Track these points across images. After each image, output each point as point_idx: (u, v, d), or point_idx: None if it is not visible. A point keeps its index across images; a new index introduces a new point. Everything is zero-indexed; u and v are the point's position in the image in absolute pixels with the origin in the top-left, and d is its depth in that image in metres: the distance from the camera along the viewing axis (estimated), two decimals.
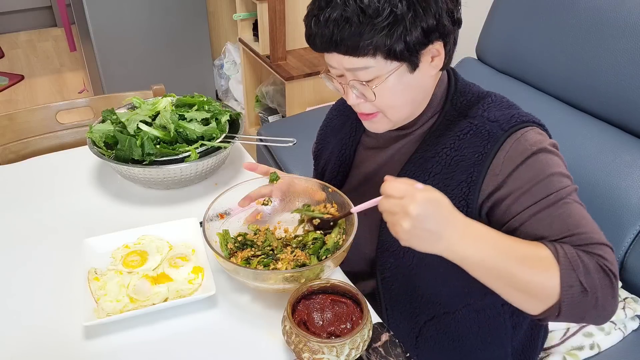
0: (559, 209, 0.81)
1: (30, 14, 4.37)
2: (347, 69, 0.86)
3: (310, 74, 2.38)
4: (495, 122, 0.89)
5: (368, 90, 0.87)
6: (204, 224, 0.94)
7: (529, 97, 1.61)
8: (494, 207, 0.87)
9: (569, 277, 0.75)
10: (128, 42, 2.84)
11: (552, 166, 0.84)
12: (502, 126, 0.88)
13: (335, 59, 0.87)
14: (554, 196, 0.82)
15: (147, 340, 0.86)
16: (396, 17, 0.80)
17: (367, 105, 0.91)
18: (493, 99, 0.94)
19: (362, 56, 0.83)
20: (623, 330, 1.25)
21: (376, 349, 0.84)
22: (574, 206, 0.82)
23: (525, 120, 0.89)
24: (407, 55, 0.84)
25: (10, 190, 1.21)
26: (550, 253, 0.77)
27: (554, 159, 0.85)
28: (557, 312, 0.76)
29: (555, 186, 0.83)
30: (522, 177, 0.84)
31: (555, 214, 0.81)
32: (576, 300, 0.75)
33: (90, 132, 1.18)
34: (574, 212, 0.81)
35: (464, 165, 0.89)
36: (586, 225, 0.81)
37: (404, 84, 0.88)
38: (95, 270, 0.95)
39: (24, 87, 3.63)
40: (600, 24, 1.42)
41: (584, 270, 0.76)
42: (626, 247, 1.30)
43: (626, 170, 1.33)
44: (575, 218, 0.81)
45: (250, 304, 0.93)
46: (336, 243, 0.95)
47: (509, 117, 0.89)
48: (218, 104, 1.25)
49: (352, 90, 0.90)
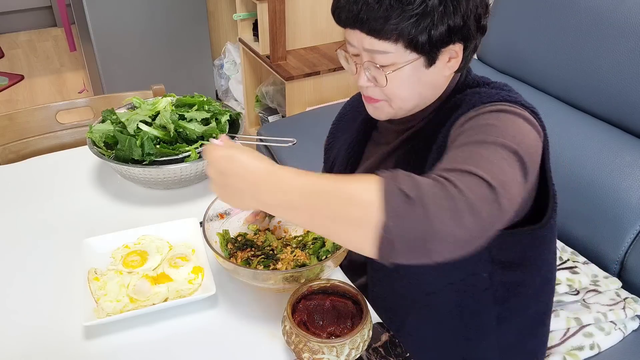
0: (476, 147, 0.72)
1: (30, 14, 4.36)
2: (366, 49, 0.86)
3: (310, 74, 2.38)
4: (480, 96, 0.88)
5: (381, 75, 0.87)
6: (204, 224, 0.94)
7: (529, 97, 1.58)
8: None
9: (389, 185, 0.63)
10: (128, 42, 2.84)
11: (503, 122, 0.77)
12: (483, 99, 0.86)
13: (356, 37, 0.86)
14: (482, 137, 0.74)
15: (147, 340, 0.86)
16: (426, 9, 0.80)
17: (375, 90, 0.91)
18: (494, 85, 0.93)
19: (384, 40, 0.83)
20: (623, 330, 1.25)
21: (376, 349, 0.84)
22: (495, 153, 0.70)
23: (511, 100, 0.84)
24: (427, 49, 0.84)
25: (10, 190, 1.21)
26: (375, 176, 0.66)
27: (513, 121, 0.78)
28: (389, 236, 0.62)
29: (493, 134, 0.74)
30: (470, 125, 0.80)
31: (467, 150, 0.73)
32: (401, 212, 0.62)
33: (90, 132, 1.18)
34: (486, 154, 0.70)
35: None
36: (482, 166, 0.67)
37: (416, 78, 0.88)
38: (95, 270, 0.95)
39: (24, 87, 3.63)
40: (600, 24, 1.42)
41: (408, 180, 0.64)
42: (626, 247, 1.31)
43: (626, 171, 1.33)
44: (480, 160, 0.69)
45: (250, 304, 0.93)
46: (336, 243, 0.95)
47: (493, 94, 0.87)
48: (218, 104, 1.25)
49: (364, 72, 0.89)
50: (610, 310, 1.26)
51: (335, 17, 0.88)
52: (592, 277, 1.34)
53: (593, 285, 1.32)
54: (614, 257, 1.33)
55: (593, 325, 1.25)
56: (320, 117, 1.22)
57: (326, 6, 2.50)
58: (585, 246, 1.39)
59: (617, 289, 1.32)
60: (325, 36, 2.60)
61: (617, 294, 1.31)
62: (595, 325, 1.25)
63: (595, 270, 1.35)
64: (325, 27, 2.57)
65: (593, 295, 1.31)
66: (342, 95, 2.49)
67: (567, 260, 1.37)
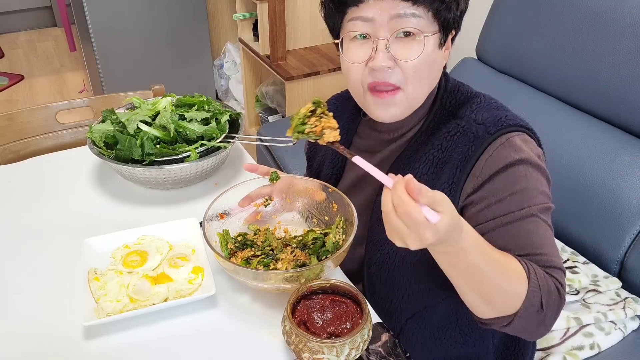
0: (526, 224, 0.81)
1: (30, 14, 4.36)
2: (396, 14, 0.82)
3: (310, 74, 2.38)
4: (481, 124, 0.88)
5: (407, 46, 0.84)
6: (204, 224, 0.94)
7: (529, 97, 1.61)
8: (467, 207, 0.87)
9: (534, 295, 0.76)
10: (128, 42, 2.84)
11: (530, 180, 0.83)
12: (489, 129, 0.87)
13: (379, 5, 0.83)
14: (525, 211, 0.81)
15: (147, 340, 0.86)
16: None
17: (394, 73, 0.86)
18: (482, 100, 0.93)
19: (420, 4, 0.82)
20: (623, 330, 1.25)
21: (376, 349, 0.84)
22: (541, 226, 0.82)
23: (513, 124, 0.88)
24: (447, 25, 0.85)
25: (10, 190, 1.21)
26: (521, 268, 0.77)
27: (533, 174, 0.84)
28: (506, 323, 0.77)
29: (528, 201, 0.82)
30: (498, 184, 0.84)
31: (522, 229, 0.81)
32: (530, 317, 0.76)
33: (90, 132, 1.18)
34: (540, 231, 0.81)
35: (450, 167, 0.88)
36: (548, 247, 0.81)
37: (434, 56, 0.87)
38: (95, 270, 0.95)
39: (23, 87, 3.63)
40: (600, 24, 1.42)
41: (547, 292, 0.77)
42: (626, 247, 1.31)
43: (626, 171, 1.33)
44: (540, 238, 0.81)
45: (250, 304, 0.93)
46: (336, 243, 0.95)
47: (496, 119, 0.88)
48: (218, 104, 1.25)
49: (384, 50, 0.84)
50: (610, 310, 1.26)
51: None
52: (592, 277, 1.34)
53: (593, 285, 1.32)
54: (614, 257, 1.33)
55: (593, 325, 1.25)
56: None
57: None
58: (585, 246, 1.39)
59: (617, 289, 1.32)
60: (325, 36, 2.57)
61: (617, 294, 1.31)
62: (595, 325, 1.25)
63: (595, 270, 1.35)
64: (325, 27, 2.56)
65: (593, 295, 1.31)
66: None
67: (567, 260, 1.37)
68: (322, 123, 0.87)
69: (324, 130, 0.87)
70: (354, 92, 0.94)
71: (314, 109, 0.88)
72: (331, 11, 0.94)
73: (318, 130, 0.87)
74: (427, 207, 0.66)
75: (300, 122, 0.87)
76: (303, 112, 0.87)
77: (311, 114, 0.88)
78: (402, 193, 0.66)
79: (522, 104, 1.60)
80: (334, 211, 0.99)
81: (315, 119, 0.87)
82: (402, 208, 0.66)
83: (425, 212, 0.66)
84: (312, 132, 0.87)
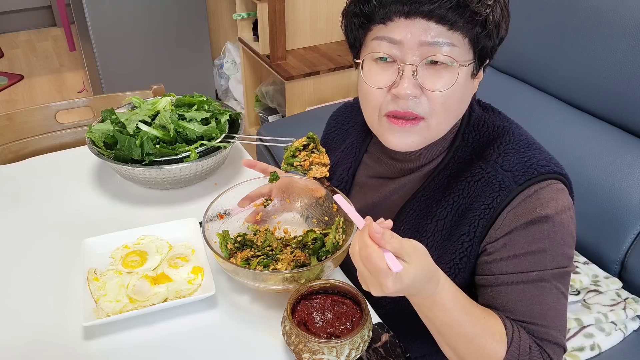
0: (533, 289, 0.77)
1: (30, 14, 4.36)
2: (427, 42, 0.74)
3: (310, 73, 2.38)
4: (509, 172, 0.80)
5: (437, 75, 0.75)
6: (203, 224, 0.94)
7: (529, 97, 1.61)
8: (482, 254, 0.83)
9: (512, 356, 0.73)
10: (128, 42, 2.84)
11: (551, 241, 0.77)
12: (517, 179, 0.79)
13: (410, 30, 0.73)
14: (535, 275, 0.77)
15: (146, 341, 0.86)
16: (503, 11, 0.77)
17: (420, 102, 0.77)
18: (510, 139, 0.84)
19: (457, 30, 0.73)
20: (623, 330, 1.25)
21: (376, 349, 0.84)
22: (550, 293, 0.77)
23: (544, 172, 0.80)
24: (484, 54, 0.78)
25: (10, 190, 1.21)
26: (504, 333, 0.74)
27: (557, 233, 0.77)
28: None
29: (542, 264, 0.77)
30: (515, 240, 0.78)
31: (525, 294, 0.77)
32: None
33: (90, 132, 1.17)
34: (545, 299, 0.77)
35: (471, 217, 0.82)
36: (550, 319, 0.77)
37: (465, 88, 0.79)
38: (95, 271, 0.95)
39: (23, 87, 3.63)
40: (600, 24, 1.42)
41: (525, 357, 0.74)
42: (626, 247, 1.31)
43: (627, 171, 1.33)
44: (543, 307, 0.77)
45: (250, 304, 0.93)
46: (336, 243, 0.95)
47: (526, 167, 0.80)
48: (218, 103, 1.25)
49: (411, 77, 0.75)
50: (611, 311, 1.26)
51: (380, 8, 0.75)
52: (592, 278, 1.34)
53: (594, 285, 1.32)
54: (615, 258, 1.33)
55: (593, 325, 1.24)
56: (320, 117, 1.21)
57: (326, 6, 2.50)
58: (585, 246, 1.39)
59: (618, 289, 1.32)
60: (325, 36, 2.60)
61: (617, 294, 1.31)
62: (595, 325, 1.25)
63: (595, 270, 1.35)
64: (325, 27, 2.57)
65: (594, 295, 1.31)
66: (342, 95, 2.49)
67: None
68: (311, 158, 0.93)
69: (312, 165, 0.94)
70: (368, 116, 0.85)
71: (307, 143, 0.95)
72: (354, 26, 0.82)
73: (306, 164, 0.94)
74: (391, 255, 0.64)
75: (291, 154, 0.95)
76: (295, 146, 0.94)
77: (303, 147, 0.95)
78: (366, 236, 0.65)
79: (522, 104, 1.60)
80: (334, 211, 0.99)
81: (305, 154, 0.94)
82: (364, 252, 0.65)
83: (388, 259, 0.63)
84: (300, 165, 0.94)
